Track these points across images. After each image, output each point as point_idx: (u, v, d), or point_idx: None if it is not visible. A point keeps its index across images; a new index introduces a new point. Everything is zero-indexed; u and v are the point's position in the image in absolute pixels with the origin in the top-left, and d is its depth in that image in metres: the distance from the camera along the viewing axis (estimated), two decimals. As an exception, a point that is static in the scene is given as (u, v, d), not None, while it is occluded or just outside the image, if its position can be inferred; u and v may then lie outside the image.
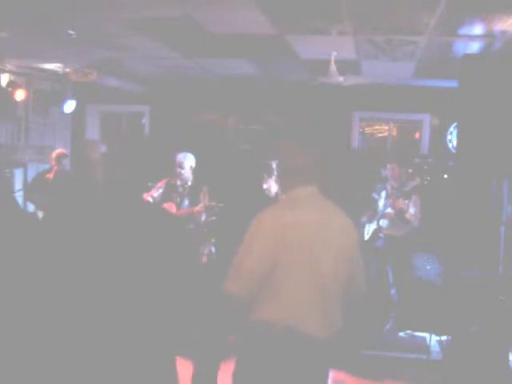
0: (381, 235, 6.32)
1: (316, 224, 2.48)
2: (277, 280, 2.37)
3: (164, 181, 5.54)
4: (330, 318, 2.48)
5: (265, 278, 2.37)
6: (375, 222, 6.36)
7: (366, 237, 6.39)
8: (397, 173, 6.45)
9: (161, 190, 5.51)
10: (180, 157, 5.46)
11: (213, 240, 5.45)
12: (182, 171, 5.43)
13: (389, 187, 6.49)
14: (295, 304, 2.40)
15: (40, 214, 6.56)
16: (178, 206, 5.44)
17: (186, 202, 5.45)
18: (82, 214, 2.27)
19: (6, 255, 2.24)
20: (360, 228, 6.32)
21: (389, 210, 6.33)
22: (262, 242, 2.38)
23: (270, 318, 2.39)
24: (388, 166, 6.53)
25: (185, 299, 2.26)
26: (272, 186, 5.37)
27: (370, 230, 6.41)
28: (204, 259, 5.33)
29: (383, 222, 6.37)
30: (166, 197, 5.47)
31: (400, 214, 6.22)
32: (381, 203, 6.44)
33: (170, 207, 5.37)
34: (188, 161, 5.46)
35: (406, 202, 6.31)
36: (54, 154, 6.84)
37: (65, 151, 7.03)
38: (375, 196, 6.54)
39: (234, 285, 2.38)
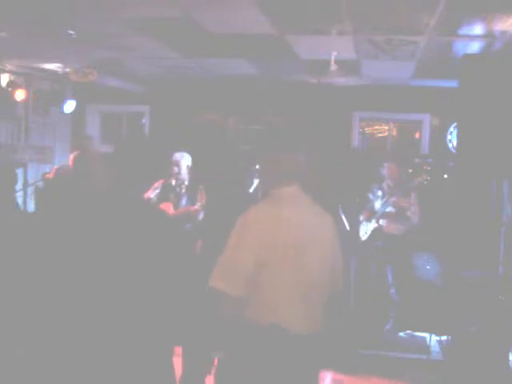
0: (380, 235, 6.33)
1: (299, 222, 2.52)
2: (263, 278, 2.39)
3: (161, 181, 5.53)
4: (314, 314, 2.52)
5: (254, 275, 2.38)
6: (374, 222, 6.36)
7: (364, 237, 6.39)
8: (395, 172, 6.45)
9: (157, 191, 5.50)
10: (176, 156, 5.46)
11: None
12: (179, 170, 5.43)
13: (385, 186, 6.47)
14: (280, 301, 2.42)
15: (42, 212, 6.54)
16: (176, 206, 5.43)
17: (184, 202, 5.45)
18: (80, 212, 2.28)
19: (5, 253, 2.24)
20: (356, 227, 6.33)
21: (390, 208, 6.34)
22: (249, 240, 2.39)
23: (256, 315, 2.40)
24: (385, 164, 6.51)
25: (180, 297, 2.27)
26: None
27: (368, 229, 6.41)
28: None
29: (383, 222, 6.37)
30: (162, 197, 5.46)
31: (402, 212, 6.24)
32: (377, 203, 6.44)
33: (168, 207, 5.35)
34: (185, 160, 5.46)
35: (407, 200, 6.32)
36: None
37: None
38: (370, 196, 6.54)
39: (229, 284, 2.36)
